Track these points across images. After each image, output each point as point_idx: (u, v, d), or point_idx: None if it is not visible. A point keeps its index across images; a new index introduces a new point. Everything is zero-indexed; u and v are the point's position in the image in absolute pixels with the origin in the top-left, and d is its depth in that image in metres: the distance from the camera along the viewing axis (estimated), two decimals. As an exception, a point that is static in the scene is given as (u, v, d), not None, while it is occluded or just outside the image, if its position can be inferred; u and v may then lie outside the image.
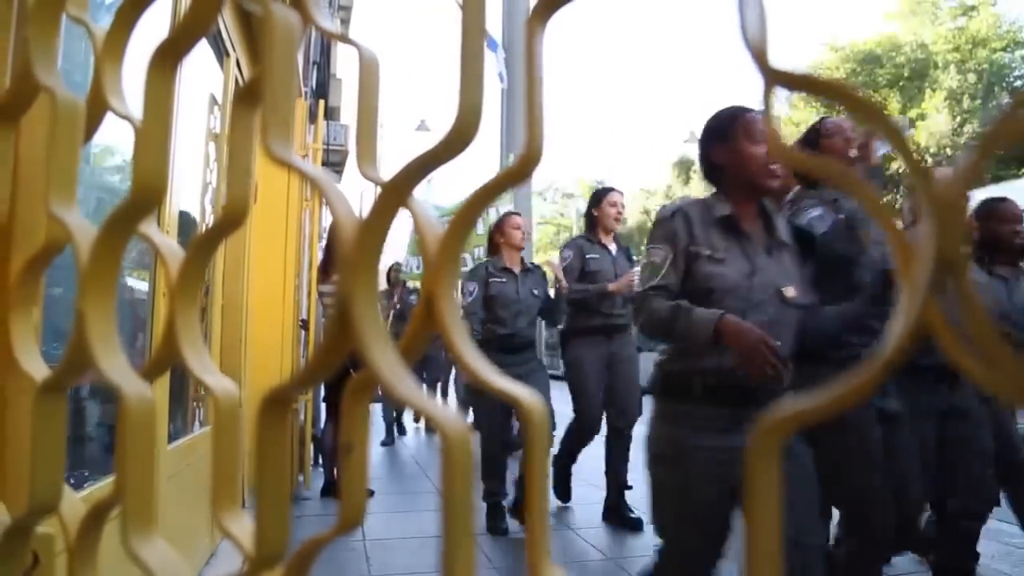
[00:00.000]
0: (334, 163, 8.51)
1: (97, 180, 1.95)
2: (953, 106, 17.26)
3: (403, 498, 4.01)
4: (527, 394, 0.28)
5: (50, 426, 0.45)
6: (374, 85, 0.35)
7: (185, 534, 2.30)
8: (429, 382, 6.68)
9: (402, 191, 0.32)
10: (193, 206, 2.62)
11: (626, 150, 57.90)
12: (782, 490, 0.24)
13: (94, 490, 1.44)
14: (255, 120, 0.37)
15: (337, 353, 0.32)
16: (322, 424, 4.45)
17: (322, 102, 5.18)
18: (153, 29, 0.47)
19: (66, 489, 0.46)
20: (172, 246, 0.44)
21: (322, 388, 4.28)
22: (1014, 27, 18.00)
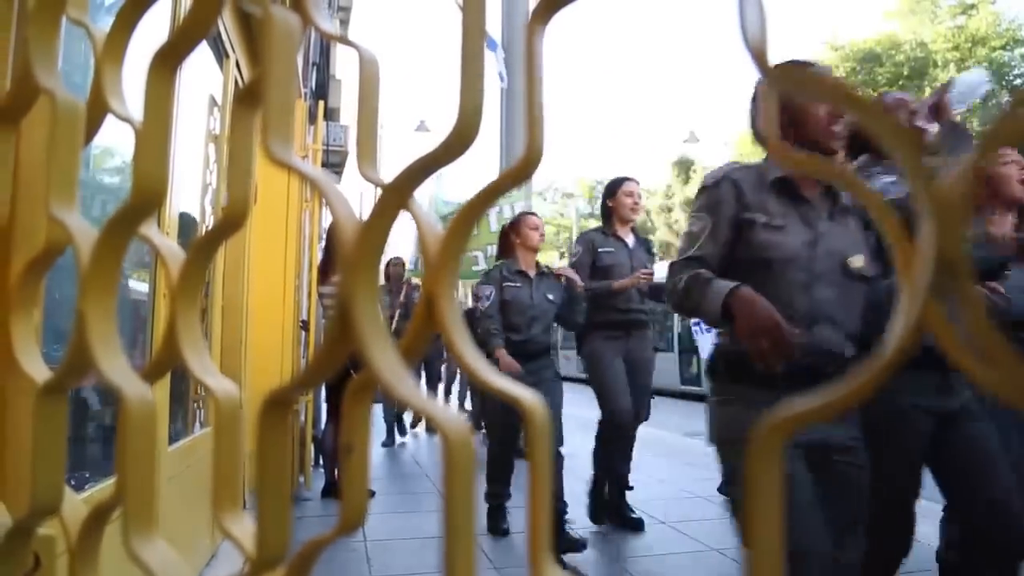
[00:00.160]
0: (334, 164, 8.50)
1: (98, 183, 1.95)
2: (953, 105, 17.24)
3: (404, 499, 4.01)
4: (528, 394, 0.28)
5: (51, 428, 0.45)
6: (374, 86, 0.35)
7: (186, 535, 2.30)
8: (430, 380, 6.68)
9: (403, 192, 0.32)
10: (193, 207, 2.62)
11: (626, 150, 57.94)
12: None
13: (95, 491, 1.44)
14: (255, 121, 0.37)
15: (338, 354, 0.32)
16: (323, 425, 4.45)
17: (322, 103, 5.18)
18: (153, 31, 0.47)
19: (67, 491, 0.46)
20: (173, 247, 0.44)
21: (323, 389, 4.28)
22: (1013, 25, 18.04)
